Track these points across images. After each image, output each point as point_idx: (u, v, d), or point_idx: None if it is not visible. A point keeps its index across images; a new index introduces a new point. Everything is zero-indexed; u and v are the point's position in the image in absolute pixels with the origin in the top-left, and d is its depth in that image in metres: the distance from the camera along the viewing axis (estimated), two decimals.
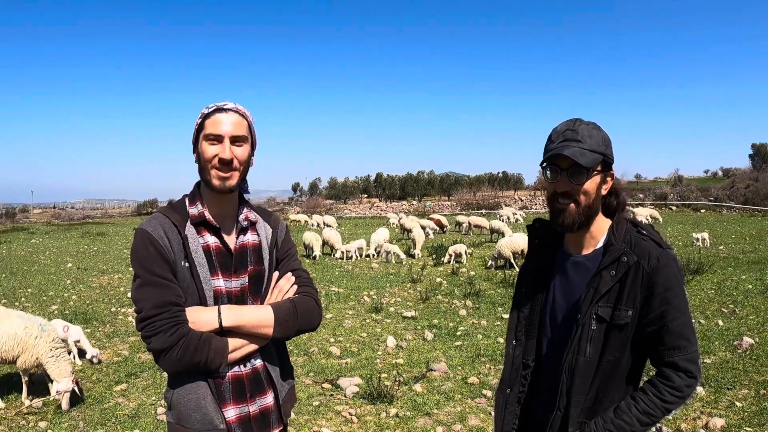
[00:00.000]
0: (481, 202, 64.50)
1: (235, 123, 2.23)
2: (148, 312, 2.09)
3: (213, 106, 2.25)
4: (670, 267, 2.04)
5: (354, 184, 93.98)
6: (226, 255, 2.29)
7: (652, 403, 2.05)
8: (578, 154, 2.07)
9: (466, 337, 9.47)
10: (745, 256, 17.69)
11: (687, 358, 2.04)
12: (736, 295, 11.87)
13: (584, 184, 2.11)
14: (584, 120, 2.16)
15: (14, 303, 12.89)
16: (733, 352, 8.05)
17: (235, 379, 2.27)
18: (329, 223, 35.10)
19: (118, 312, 11.90)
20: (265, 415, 2.35)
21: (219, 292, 2.25)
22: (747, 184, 50.28)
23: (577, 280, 2.22)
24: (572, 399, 2.12)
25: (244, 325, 2.23)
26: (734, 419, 5.81)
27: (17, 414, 6.44)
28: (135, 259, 2.17)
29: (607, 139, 2.15)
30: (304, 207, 67.86)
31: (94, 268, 19.24)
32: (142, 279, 2.13)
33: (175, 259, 2.17)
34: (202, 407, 2.19)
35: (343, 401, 6.69)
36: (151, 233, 2.16)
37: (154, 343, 2.08)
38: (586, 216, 2.15)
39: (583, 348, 2.10)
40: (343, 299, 12.96)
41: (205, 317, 2.18)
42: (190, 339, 2.11)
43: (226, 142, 2.20)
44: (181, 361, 2.10)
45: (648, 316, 2.05)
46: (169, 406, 2.26)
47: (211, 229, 2.29)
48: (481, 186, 79.01)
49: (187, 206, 2.30)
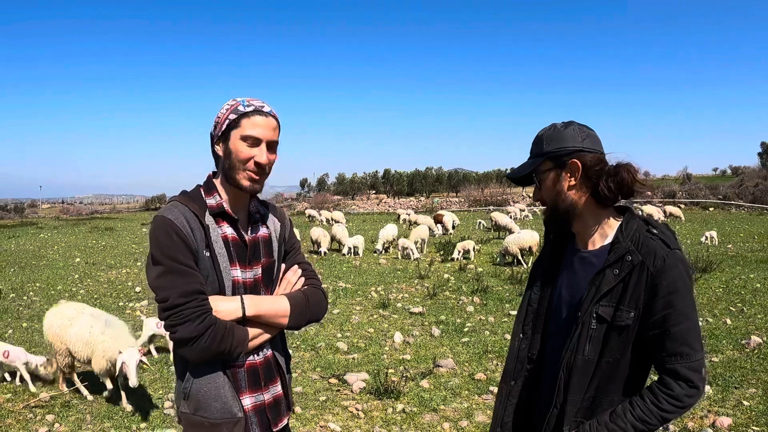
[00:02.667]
0: (489, 198, 64.47)
1: (273, 128, 2.27)
2: (175, 300, 2.09)
3: (248, 104, 2.25)
4: (676, 268, 1.95)
5: (362, 180, 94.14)
6: (242, 246, 2.32)
7: (648, 411, 1.98)
8: (516, 171, 2.27)
9: (474, 333, 9.46)
10: (754, 254, 17.60)
11: (689, 366, 1.94)
12: (744, 294, 11.82)
13: (542, 188, 2.21)
14: (556, 123, 2.20)
15: (22, 297, 12.98)
16: (741, 350, 8.01)
17: (250, 367, 2.32)
18: (337, 219, 35.10)
19: (126, 306, 11.96)
20: (278, 403, 2.43)
21: (237, 282, 2.28)
22: (756, 183, 50.03)
23: (582, 276, 2.17)
24: (569, 397, 2.08)
25: (264, 314, 2.29)
26: (741, 418, 5.78)
27: (25, 407, 6.47)
28: (157, 247, 2.14)
29: (560, 136, 2.13)
30: (311, 203, 67.89)
31: (102, 262, 19.31)
32: (165, 267, 2.12)
33: (197, 248, 2.18)
34: (222, 396, 2.23)
35: (350, 396, 6.70)
36: (174, 221, 2.16)
37: (182, 332, 2.09)
38: (556, 214, 2.19)
39: (582, 347, 2.06)
40: (350, 295, 12.96)
41: (229, 306, 2.22)
42: (217, 328, 2.14)
43: (263, 146, 2.24)
44: (208, 350, 2.13)
45: (650, 319, 1.97)
46: (186, 396, 2.27)
47: (229, 220, 2.32)
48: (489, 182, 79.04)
49: (203, 196, 2.31)
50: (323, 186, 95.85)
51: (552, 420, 2.14)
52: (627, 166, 2.09)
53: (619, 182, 2.07)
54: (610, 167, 2.10)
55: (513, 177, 2.30)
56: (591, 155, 2.10)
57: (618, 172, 2.08)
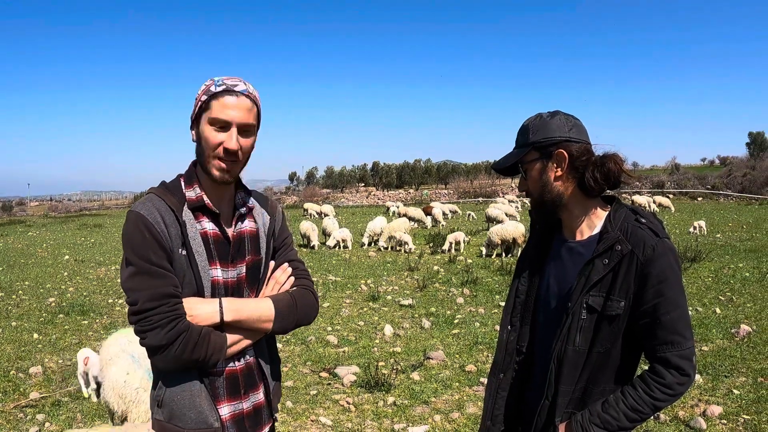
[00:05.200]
0: (479, 190, 64.63)
1: (245, 110, 2.01)
2: (143, 305, 1.90)
3: (221, 83, 2.01)
4: (666, 257, 1.94)
5: (351, 173, 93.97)
6: (224, 243, 2.11)
7: (640, 399, 1.98)
8: (501, 161, 2.25)
9: (464, 325, 9.47)
10: (743, 244, 17.72)
11: (679, 355, 1.95)
12: (733, 283, 11.89)
13: (528, 179, 2.19)
14: (542, 113, 2.18)
15: (11, 296, 12.90)
16: (731, 339, 8.06)
17: (229, 374, 2.14)
18: (327, 212, 35.06)
19: (116, 303, 11.90)
20: (258, 412, 2.24)
21: (216, 282, 2.08)
22: (744, 173, 50.31)
23: (570, 266, 2.16)
24: (560, 388, 2.07)
25: (245, 319, 2.08)
26: (732, 407, 5.81)
27: (15, 407, 6.43)
28: (128, 245, 1.95)
29: (546, 126, 2.10)
30: (301, 196, 67.79)
31: (91, 259, 19.23)
32: (136, 267, 1.93)
33: (172, 247, 1.98)
34: (197, 405, 2.05)
35: (341, 390, 6.69)
36: (146, 217, 1.95)
37: (150, 339, 1.91)
38: (542, 204, 2.18)
39: (572, 337, 2.04)
40: (340, 288, 12.95)
41: (205, 310, 2.02)
42: (189, 335, 1.95)
43: (234, 130, 2.00)
44: (179, 358, 1.94)
45: (640, 309, 1.97)
46: (159, 404, 2.09)
47: (210, 214, 2.10)
48: (478, 174, 79.09)
49: (183, 188, 2.10)
50: (312, 179, 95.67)
51: (543, 411, 2.12)
52: (614, 157, 2.07)
53: (605, 173, 2.06)
54: (596, 157, 2.09)
55: (498, 167, 2.27)
56: (577, 145, 2.07)
57: (605, 162, 2.06)
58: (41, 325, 10.19)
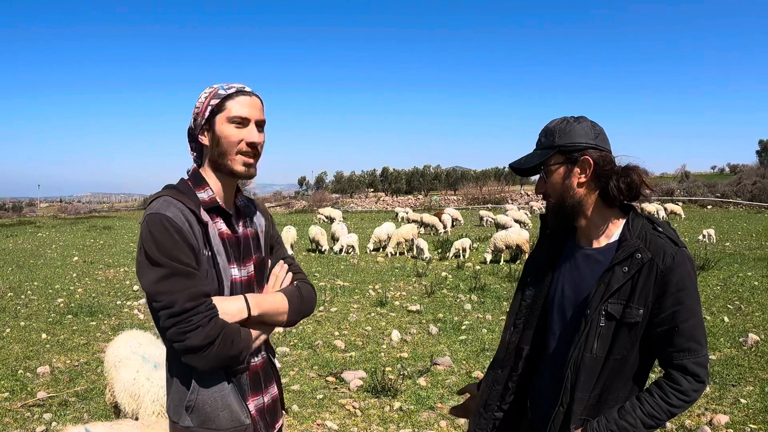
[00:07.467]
0: (488, 196, 64.49)
1: (258, 107, 2.16)
2: (183, 305, 1.90)
3: (230, 87, 2.13)
4: (684, 266, 1.97)
5: (360, 178, 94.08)
6: (235, 243, 2.19)
7: (657, 406, 2.00)
8: (523, 161, 2.23)
9: (471, 331, 9.46)
10: (752, 252, 17.64)
11: (696, 362, 1.98)
12: (741, 292, 11.84)
13: (548, 182, 2.17)
14: (568, 117, 2.17)
15: (20, 296, 12.96)
16: (739, 348, 8.03)
17: (253, 370, 2.22)
18: (335, 217, 35.01)
19: (124, 305, 11.93)
20: (275, 404, 2.35)
21: (235, 281, 2.15)
22: (754, 181, 50.05)
23: (587, 273, 2.16)
24: (576, 396, 2.07)
25: (266, 312, 2.16)
26: (739, 416, 5.78)
27: (23, 406, 6.46)
28: (155, 247, 1.94)
29: (572, 130, 2.11)
30: (310, 201, 67.83)
31: (100, 261, 19.27)
32: (168, 269, 1.93)
33: (199, 248, 2.03)
34: (229, 404, 2.11)
35: (347, 394, 6.69)
36: (173, 218, 1.97)
37: (193, 339, 1.90)
38: (561, 209, 2.17)
39: (590, 344, 2.04)
40: (348, 293, 12.95)
41: (235, 306, 2.07)
42: (228, 332, 1.99)
43: (252, 125, 2.13)
44: (220, 356, 1.97)
45: (659, 316, 1.99)
46: (190, 409, 2.09)
47: (222, 215, 2.18)
48: (487, 180, 78.89)
49: (194, 190, 2.15)
50: (322, 184, 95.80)
51: (558, 419, 2.12)
52: (637, 168, 2.10)
53: (629, 183, 2.08)
54: (619, 168, 2.11)
55: (518, 167, 2.26)
56: (602, 153, 2.10)
57: (629, 173, 2.08)
58: (50, 325, 10.22)
